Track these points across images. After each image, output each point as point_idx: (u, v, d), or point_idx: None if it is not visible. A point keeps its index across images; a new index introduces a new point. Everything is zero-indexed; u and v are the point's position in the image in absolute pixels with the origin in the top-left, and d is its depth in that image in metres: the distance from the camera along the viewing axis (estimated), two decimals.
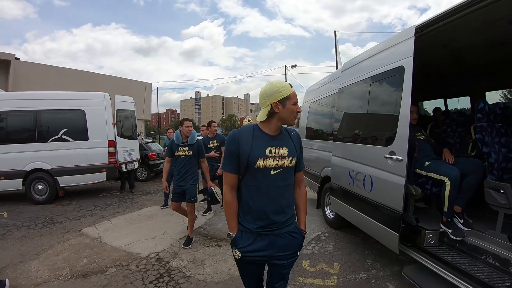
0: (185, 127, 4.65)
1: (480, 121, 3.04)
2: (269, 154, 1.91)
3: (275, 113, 1.91)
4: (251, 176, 1.93)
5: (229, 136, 1.98)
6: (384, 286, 3.34)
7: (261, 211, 1.93)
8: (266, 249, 1.94)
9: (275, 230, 1.95)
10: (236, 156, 1.91)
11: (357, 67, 4.27)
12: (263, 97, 1.94)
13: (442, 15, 2.82)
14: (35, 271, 3.94)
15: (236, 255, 1.96)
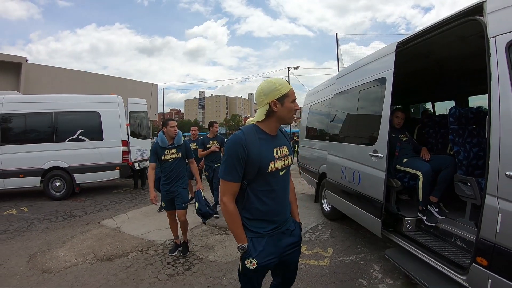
0: (170, 127, 4.21)
1: (452, 124, 3.53)
2: (276, 155, 1.88)
3: (274, 112, 1.86)
4: (263, 180, 1.86)
5: (233, 142, 1.80)
6: (371, 267, 3.87)
7: (273, 213, 1.91)
8: (276, 249, 1.92)
9: (281, 228, 1.95)
10: (244, 162, 1.78)
11: (349, 76, 4.81)
12: (261, 95, 1.88)
13: (419, 33, 3.31)
14: (63, 256, 4.43)
15: (251, 265, 1.84)
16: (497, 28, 2.34)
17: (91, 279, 3.71)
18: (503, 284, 2.16)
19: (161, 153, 4.23)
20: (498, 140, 2.25)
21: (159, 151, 4.23)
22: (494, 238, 2.25)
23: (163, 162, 4.26)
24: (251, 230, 1.87)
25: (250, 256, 1.84)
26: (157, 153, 4.23)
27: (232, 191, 1.82)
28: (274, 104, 1.83)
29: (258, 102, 1.91)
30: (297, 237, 2.05)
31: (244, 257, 1.86)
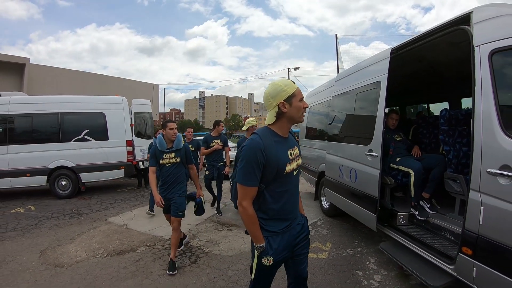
0: (169, 129, 3.96)
1: (443, 125, 3.76)
2: (291, 157, 1.94)
3: (283, 113, 1.90)
4: (280, 182, 1.91)
5: (251, 147, 1.82)
6: (367, 259, 4.10)
7: (287, 211, 1.99)
8: (289, 244, 1.99)
9: (293, 224, 2.03)
10: (262, 167, 1.83)
11: (347, 79, 5.04)
12: (268, 98, 1.91)
13: (412, 40, 3.54)
14: (73, 251, 4.63)
15: (268, 262, 1.92)
16: (481, 37, 2.56)
17: (103, 272, 3.92)
18: (486, 271, 2.38)
19: (159, 156, 4.00)
20: (480, 140, 2.47)
21: (158, 154, 4.00)
22: (478, 229, 2.47)
23: (161, 166, 4.02)
24: (266, 230, 1.94)
25: (267, 254, 1.91)
26: (155, 156, 4.01)
27: (251, 195, 1.87)
28: (283, 105, 1.88)
29: (267, 105, 1.94)
30: (306, 229, 2.15)
31: (261, 255, 1.92)
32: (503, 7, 2.50)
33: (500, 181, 2.29)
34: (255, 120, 5.69)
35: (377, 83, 3.98)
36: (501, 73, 2.43)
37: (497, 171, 2.31)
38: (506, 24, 2.41)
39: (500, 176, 2.29)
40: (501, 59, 2.43)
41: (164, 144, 4.01)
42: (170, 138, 4.00)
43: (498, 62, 2.43)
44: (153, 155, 4.04)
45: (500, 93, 2.40)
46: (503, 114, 2.35)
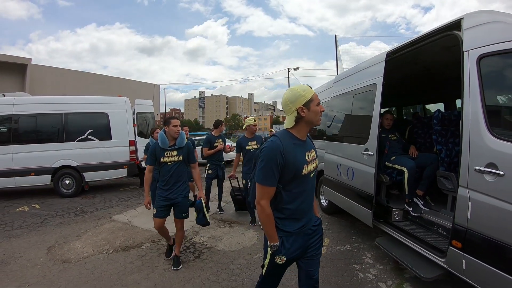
0: (173, 126, 3.80)
1: (436, 126, 3.92)
2: (308, 159, 2.01)
3: (302, 118, 1.96)
4: (297, 183, 1.98)
5: (271, 149, 1.90)
6: (363, 254, 4.27)
7: (303, 212, 2.05)
8: (302, 244, 2.06)
9: (308, 226, 2.09)
10: (281, 168, 1.90)
11: (345, 81, 5.22)
12: (287, 104, 1.98)
13: (406, 45, 3.71)
14: (80, 248, 4.78)
15: (280, 261, 1.99)
16: (471, 43, 2.72)
17: (110, 267, 4.08)
18: (475, 263, 2.54)
19: (160, 154, 3.82)
20: (468, 139, 2.64)
21: (158, 152, 3.82)
22: (466, 223, 2.63)
23: (162, 165, 3.85)
24: (282, 230, 2.00)
25: (280, 253, 1.98)
26: (155, 154, 3.83)
27: (269, 195, 1.94)
28: (302, 110, 1.95)
29: (286, 110, 2.01)
30: (320, 231, 2.20)
31: (274, 254, 1.99)
32: (491, 14, 2.65)
33: (486, 178, 2.45)
34: (252, 120, 5.72)
35: (373, 85, 4.15)
36: (488, 77, 2.59)
37: (483, 168, 2.47)
38: (493, 31, 2.56)
39: (486, 173, 2.45)
40: (488, 63, 2.58)
41: (166, 141, 3.83)
42: (173, 136, 3.83)
43: (486, 66, 2.59)
44: (152, 153, 3.85)
45: (487, 95, 2.56)
46: (489, 115, 2.51)
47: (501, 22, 2.52)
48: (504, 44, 2.42)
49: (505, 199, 2.29)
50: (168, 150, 3.85)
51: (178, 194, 3.89)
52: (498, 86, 2.71)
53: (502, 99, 2.76)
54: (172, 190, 3.87)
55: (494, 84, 2.66)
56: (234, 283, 3.58)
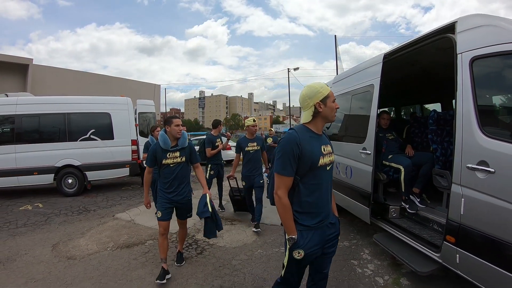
0: (175, 126, 3.62)
1: (431, 125, 4.04)
2: (324, 152, 2.07)
3: (319, 113, 2.06)
4: (313, 175, 2.03)
5: (288, 140, 1.99)
6: (361, 250, 4.38)
7: (320, 206, 2.09)
8: (320, 240, 2.09)
9: (325, 222, 2.13)
10: (297, 158, 1.97)
11: (343, 82, 5.34)
12: (306, 99, 2.07)
13: (403, 46, 3.82)
14: (84, 245, 4.88)
15: (299, 255, 2.01)
16: (464, 45, 2.83)
17: (114, 263, 4.18)
18: (467, 257, 2.65)
19: (161, 156, 3.64)
20: (461, 138, 2.75)
21: (159, 154, 3.64)
22: (459, 219, 2.74)
23: (164, 167, 3.69)
24: (300, 224, 2.04)
25: (298, 247, 2.01)
26: (156, 156, 3.64)
27: (286, 185, 2.00)
28: (319, 105, 2.05)
29: (304, 105, 2.11)
30: (337, 230, 2.26)
31: (292, 248, 2.02)
32: (483, 18, 2.75)
33: (478, 175, 2.56)
34: (251, 120, 5.59)
35: (370, 85, 4.27)
36: (480, 78, 2.70)
37: (475, 166, 2.58)
38: (485, 34, 2.67)
39: (478, 170, 2.56)
40: (480, 65, 2.69)
41: (168, 142, 3.65)
42: (175, 136, 3.66)
43: (477, 68, 2.70)
44: (152, 154, 3.66)
45: (479, 96, 2.67)
46: (481, 115, 2.62)
47: (492, 25, 2.62)
48: (495, 46, 2.52)
49: (496, 195, 2.40)
50: (171, 151, 3.67)
51: (183, 196, 3.77)
52: (489, 87, 2.83)
53: (493, 99, 2.87)
54: (176, 192, 3.72)
55: (485, 85, 2.77)
56: (236, 278, 3.69)
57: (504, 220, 2.33)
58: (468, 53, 2.76)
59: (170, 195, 3.70)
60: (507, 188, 2.33)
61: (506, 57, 2.51)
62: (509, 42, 2.42)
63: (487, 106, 2.80)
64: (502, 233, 2.34)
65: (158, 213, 3.72)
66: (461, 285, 3.17)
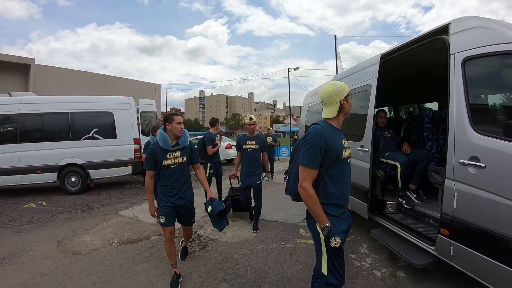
0: (176, 124, 3.43)
1: (427, 124, 4.16)
2: (345, 145, 2.23)
3: (343, 109, 2.24)
4: (337, 167, 2.16)
5: (316, 134, 2.10)
6: (360, 245, 4.52)
7: (344, 198, 2.23)
8: (346, 229, 2.24)
9: (346, 212, 2.28)
10: (323, 151, 2.08)
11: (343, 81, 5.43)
12: (332, 96, 2.22)
13: (399, 47, 3.95)
14: (90, 241, 4.99)
15: (336, 243, 2.08)
16: (457, 46, 2.95)
17: (119, 257, 4.31)
18: (460, 249, 2.77)
19: (161, 157, 3.42)
20: (453, 135, 2.87)
21: (159, 155, 3.42)
22: (453, 212, 2.86)
23: (164, 169, 3.46)
24: (329, 214, 2.13)
25: (334, 234, 2.08)
26: (155, 157, 3.43)
27: (312, 177, 2.08)
28: (344, 101, 2.24)
29: (329, 102, 2.26)
30: (352, 220, 2.41)
31: (328, 236, 2.08)
32: (475, 20, 2.87)
33: (470, 170, 2.68)
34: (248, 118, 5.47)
35: (368, 85, 4.40)
36: (471, 78, 2.82)
37: (467, 161, 2.70)
38: (476, 36, 2.78)
39: (470, 165, 2.68)
40: (471, 66, 2.81)
41: (168, 140, 3.43)
42: (176, 134, 3.45)
43: (469, 68, 2.82)
44: (151, 156, 3.44)
45: (470, 94, 2.79)
46: (472, 113, 2.75)
47: (484, 27, 2.74)
48: (486, 47, 2.64)
49: (487, 189, 2.52)
50: (171, 150, 3.45)
51: (186, 199, 3.58)
52: (480, 87, 2.94)
53: (483, 98, 2.99)
54: (179, 195, 3.51)
55: (476, 84, 2.88)
56: (238, 271, 3.82)
57: (494, 213, 2.45)
58: (461, 53, 2.88)
59: (172, 199, 3.49)
60: (497, 182, 2.44)
61: (496, 58, 2.62)
62: (499, 43, 2.54)
63: (478, 104, 2.92)
64: (492, 225, 2.46)
65: (162, 218, 3.46)
66: (456, 277, 3.31)
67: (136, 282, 3.58)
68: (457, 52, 2.93)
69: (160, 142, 3.43)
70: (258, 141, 5.36)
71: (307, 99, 8.22)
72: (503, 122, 2.71)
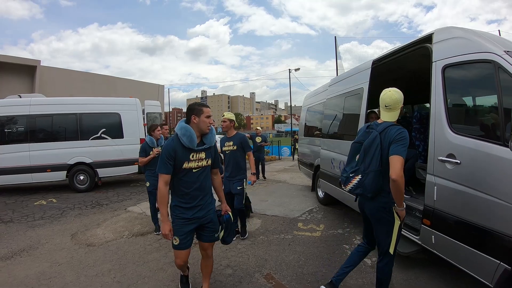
0: (206, 117, 2.74)
1: (415, 124, 4.51)
2: None
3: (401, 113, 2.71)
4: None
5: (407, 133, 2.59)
6: (353, 237, 4.86)
7: None
8: None
9: None
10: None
11: (338, 85, 5.82)
12: (399, 102, 2.71)
13: (389, 54, 4.28)
14: (102, 234, 5.35)
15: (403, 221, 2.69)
16: (438, 55, 3.29)
17: (131, 248, 4.66)
18: (440, 237, 3.10)
19: (183, 157, 2.69)
20: (433, 135, 3.21)
21: (181, 155, 2.68)
22: (433, 204, 3.18)
23: (183, 173, 2.73)
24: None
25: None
26: (175, 158, 2.67)
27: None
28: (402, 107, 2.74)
29: (396, 107, 2.73)
30: None
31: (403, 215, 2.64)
32: (454, 31, 3.18)
33: (447, 166, 3.01)
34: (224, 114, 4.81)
35: (360, 89, 4.73)
36: (450, 83, 3.15)
37: (444, 158, 3.03)
38: (454, 45, 3.11)
39: (447, 162, 3.01)
40: (450, 72, 3.14)
41: (195, 138, 2.72)
42: (203, 130, 2.76)
43: (448, 75, 3.15)
44: (170, 155, 2.66)
45: (449, 98, 3.13)
46: (450, 114, 3.07)
47: (461, 38, 3.06)
48: (463, 56, 2.96)
49: (462, 183, 2.84)
50: (196, 151, 2.75)
51: (207, 210, 2.87)
52: (457, 91, 3.27)
53: (460, 101, 3.33)
54: (200, 206, 2.81)
55: (454, 89, 3.21)
56: (241, 259, 4.17)
57: (468, 204, 2.76)
58: (441, 61, 3.21)
59: (191, 212, 2.76)
60: (470, 176, 2.76)
61: (471, 65, 2.94)
62: (473, 52, 2.85)
63: (455, 106, 3.25)
64: (467, 215, 2.77)
65: (175, 240, 2.77)
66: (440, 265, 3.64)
67: (148, 269, 3.93)
68: (438, 60, 3.25)
69: (184, 139, 2.67)
70: (235, 142, 4.71)
71: (307, 100, 8.57)
72: (477, 123, 3.04)
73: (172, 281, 3.62)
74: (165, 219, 2.76)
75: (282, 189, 9.14)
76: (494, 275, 2.47)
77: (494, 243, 2.50)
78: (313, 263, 4.00)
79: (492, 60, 2.61)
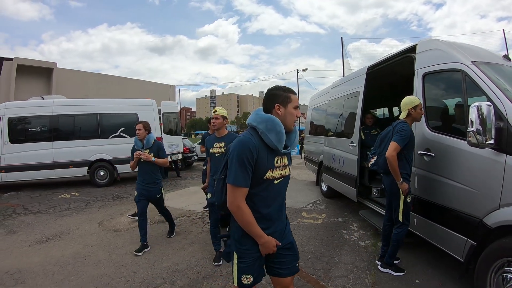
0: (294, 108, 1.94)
1: None
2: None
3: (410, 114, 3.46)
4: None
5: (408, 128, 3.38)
6: (351, 224, 5.44)
7: None
8: None
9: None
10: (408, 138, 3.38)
11: (339, 88, 6.42)
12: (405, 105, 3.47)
13: (381, 61, 4.84)
14: (126, 221, 5.98)
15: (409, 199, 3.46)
16: (419, 63, 3.84)
17: (154, 232, 5.29)
18: (421, 220, 3.66)
19: (268, 163, 1.84)
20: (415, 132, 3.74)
21: (265, 159, 1.82)
22: (415, 191, 3.74)
23: (265, 186, 1.86)
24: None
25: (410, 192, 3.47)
26: (258, 163, 1.79)
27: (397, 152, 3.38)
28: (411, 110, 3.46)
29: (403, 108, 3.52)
30: None
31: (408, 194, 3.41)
32: (432, 43, 3.71)
33: (425, 158, 3.56)
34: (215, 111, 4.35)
35: (356, 92, 5.32)
36: (428, 88, 3.71)
37: (423, 152, 3.59)
38: (432, 56, 3.64)
39: (424, 155, 3.56)
40: (428, 79, 3.69)
41: (283, 134, 1.87)
42: (289, 127, 1.95)
43: (427, 81, 3.70)
44: (252, 157, 1.77)
45: (427, 100, 3.67)
46: (427, 115, 3.62)
47: (437, 49, 3.59)
48: (438, 66, 3.50)
49: (436, 173, 3.39)
50: (281, 154, 1.94)
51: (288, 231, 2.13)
52: (434, 94, 3.81)
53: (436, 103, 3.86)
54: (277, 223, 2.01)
55: (431, 93, 3.75)
56: None
57: (440, 190, 3.31)
58: (422, 69, 3.76)
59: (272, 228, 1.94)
60: (442, 167, 3.30)
61: (444, 73, 3.48)
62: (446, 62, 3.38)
63: (432, 108, 3.77)
64: (440, 200, 3.31)
65: (246, 279, 1.90)
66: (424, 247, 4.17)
67: (171, 248, 4.57)
68: (420, 68, 3.80)
69: (272, 136, 1.82)
70: (228, 143, 3.85)
71: (313, 100, 9.16)
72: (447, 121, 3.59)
73: (193, 257, 4.23)
74: (261, 233, 1.83)
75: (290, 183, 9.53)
76: (463, 251, 2.92)
77: (462, 222, 2.99)
78: (314, 244, 4.58)
79: (460, 70, 3.13)
